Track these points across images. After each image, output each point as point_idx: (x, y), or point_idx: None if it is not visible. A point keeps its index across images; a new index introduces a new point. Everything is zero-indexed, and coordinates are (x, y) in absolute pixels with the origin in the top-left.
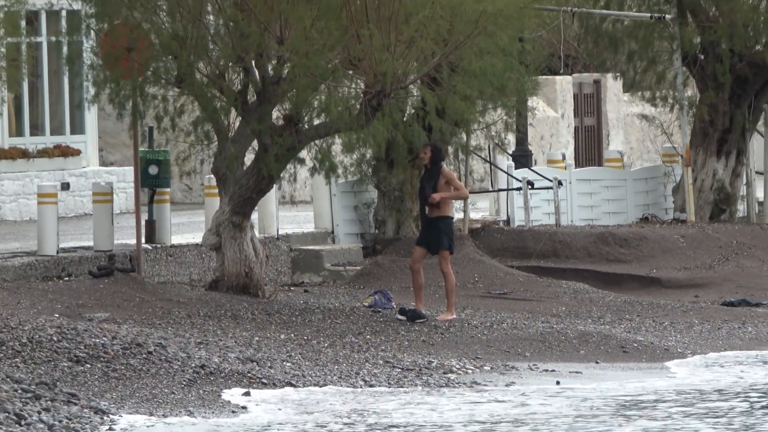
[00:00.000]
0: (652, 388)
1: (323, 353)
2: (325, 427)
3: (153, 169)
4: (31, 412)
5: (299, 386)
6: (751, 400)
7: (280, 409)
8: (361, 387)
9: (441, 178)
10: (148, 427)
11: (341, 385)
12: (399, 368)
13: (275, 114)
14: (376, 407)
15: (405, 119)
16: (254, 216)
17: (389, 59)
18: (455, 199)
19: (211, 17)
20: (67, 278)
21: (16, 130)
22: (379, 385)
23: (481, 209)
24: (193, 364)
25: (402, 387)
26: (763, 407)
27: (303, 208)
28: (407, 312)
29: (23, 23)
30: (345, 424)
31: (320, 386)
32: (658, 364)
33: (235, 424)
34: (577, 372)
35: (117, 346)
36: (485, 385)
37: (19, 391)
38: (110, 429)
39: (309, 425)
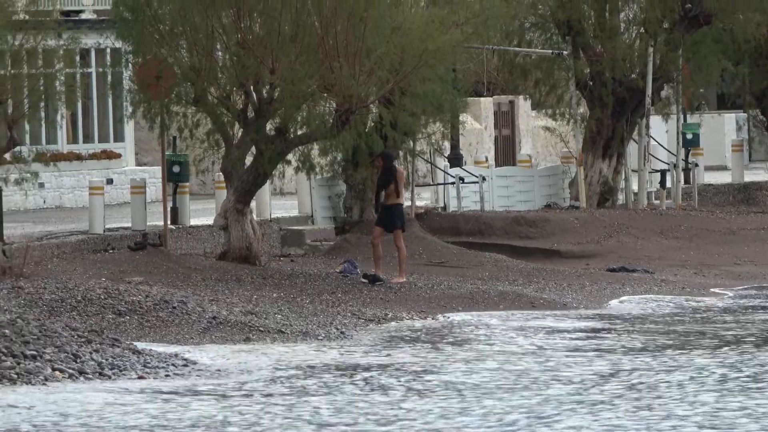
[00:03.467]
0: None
1: (305, 308)
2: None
3: (176, 168)
4: (85, 352)
5: (287, 333)
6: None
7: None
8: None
9: (398, 177)
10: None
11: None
12: (363, 319)
13: (268, 126)
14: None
15: (367, 130)
16: (253, 203)
17: (355, 85)
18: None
19: (220, 53)
20: (111, 251)
21: (73, 139)
22: (348, 331)
23: (424, 198)
24: (207, 316)
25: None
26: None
27: (290, 198)
28: (369, 276)
29: (78, 58)
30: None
31: (302, 332)
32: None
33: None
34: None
35: (149, 303)
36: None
37: (75, 337)
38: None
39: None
